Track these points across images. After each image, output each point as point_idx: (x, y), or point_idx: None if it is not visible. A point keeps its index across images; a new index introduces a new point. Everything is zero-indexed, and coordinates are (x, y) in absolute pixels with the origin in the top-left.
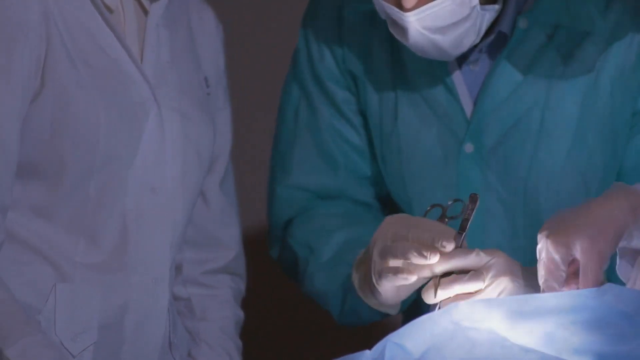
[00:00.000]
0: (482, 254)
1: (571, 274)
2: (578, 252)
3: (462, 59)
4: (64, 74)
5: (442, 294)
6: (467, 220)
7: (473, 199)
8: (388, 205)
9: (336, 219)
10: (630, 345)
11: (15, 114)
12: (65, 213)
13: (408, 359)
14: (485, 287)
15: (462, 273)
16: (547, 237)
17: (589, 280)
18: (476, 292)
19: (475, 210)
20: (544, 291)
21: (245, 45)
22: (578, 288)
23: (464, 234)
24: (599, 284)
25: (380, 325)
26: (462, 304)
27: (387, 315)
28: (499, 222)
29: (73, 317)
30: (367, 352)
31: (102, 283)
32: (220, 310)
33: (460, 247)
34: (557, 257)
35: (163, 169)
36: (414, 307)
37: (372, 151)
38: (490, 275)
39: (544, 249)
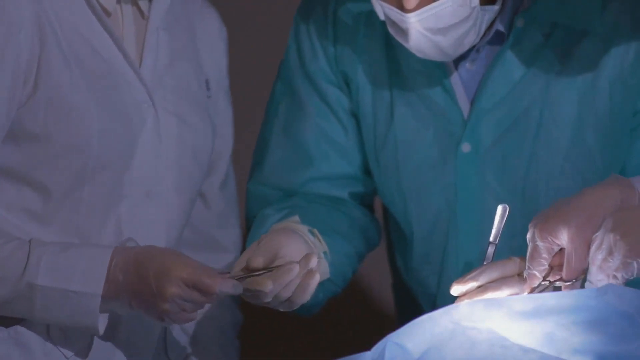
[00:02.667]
0: (518, 260)
1: (559, 265)
2: (564, 240)
3: (459, 59)
4: (57, 77)
5: (492, 297)
6: (497, 231)
7: (502, 210)
8: (369, 207)
9: (283, 210)
10: (631, 346)
11: (1, 116)
12: (59, 217)
13: (408, 359)
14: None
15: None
16: (535, 225)
17: (572, 268)
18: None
19: (504, 222)
20: (526, 280)
21: (245, 47)
22: (562, 278)
23: (496, 245)
24: (582, 272)
25: (380, 325)
26: (462, 304)
27: None
28: None
29: None
30: (367, 353)
31: None
32: (219, 311)
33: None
34: (540, 244)
35: (159, 172)
36: (413, 307)
37: (360, 152)
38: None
39: (531, 237)
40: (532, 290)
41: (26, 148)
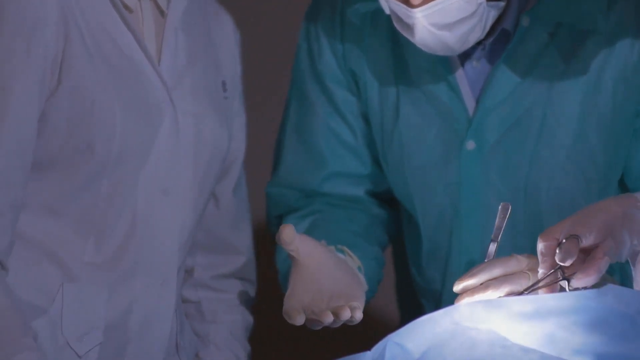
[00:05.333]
0: (520, 257)
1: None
2: (564, 232)
3: (464, 57)
4: (81, 72)
5: (493, 294)
6: (499, 229)
7: (504, 208)
8: (387, 201)
9: (305, 218)
10: (631, 346)
11: (32, 111)
12: (75, 211)
13: (408, 359)
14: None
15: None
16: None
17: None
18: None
19: (506, 220)
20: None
21: (256, 50)
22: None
23: (497, 242)
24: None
25: (380, 325)
26: (463, 305)
27: None
28: None
29: (80, 317)
30: (367, 353)
31: (109, 283)
32: (230, 313)
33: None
34: (542, 244)
35: (175, 171)
36: (414, 307)
37: (371, 151)
38: (535, 275)
39: (538, 247)
40: (544, 282)
41: (48, 141)
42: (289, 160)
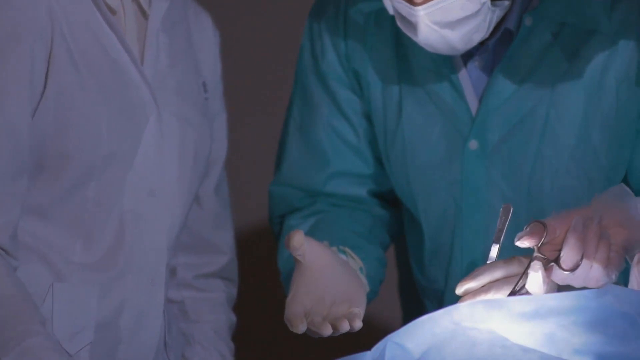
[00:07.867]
0: (522, 259)
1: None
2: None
3: (467, 56)
4: (65, 75)
5: (495, 296)
6: (500, 231)
7: (505, 210)
8: (389, 201)
9: (307, 218)
10: (631, 346)
11: (26, 114)
12: (64, 213)
13: (408, 359)
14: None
15: None
16: None
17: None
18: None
19: (507, 221)
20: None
21: (237, 49)
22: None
23: (499, 244)
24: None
25: (380, 325)
26: (463, 305)
27: None
28: None
29: (70, 316)
30: (367, 353)
31: (99, 283)
32: (214, 313)
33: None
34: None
35: (161, 171)
36: (416, 307)
37: (374, 151)
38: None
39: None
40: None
41: (36, 144)
42: (292, 159)
